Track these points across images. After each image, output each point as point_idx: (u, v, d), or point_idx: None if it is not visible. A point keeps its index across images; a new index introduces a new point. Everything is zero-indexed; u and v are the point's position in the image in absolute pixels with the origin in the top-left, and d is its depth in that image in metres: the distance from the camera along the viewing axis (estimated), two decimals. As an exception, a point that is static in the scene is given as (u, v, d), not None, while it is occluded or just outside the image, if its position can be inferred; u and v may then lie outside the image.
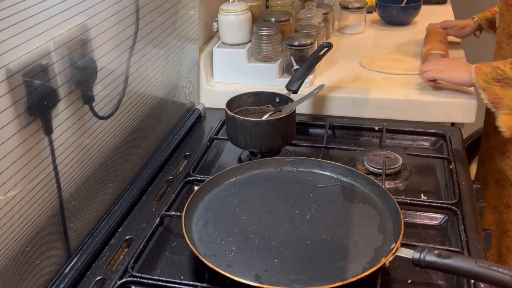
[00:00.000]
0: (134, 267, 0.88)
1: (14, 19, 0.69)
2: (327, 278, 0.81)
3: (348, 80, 1.44)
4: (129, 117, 1.06)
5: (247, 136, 1.14)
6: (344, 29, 1.80)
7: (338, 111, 1.38)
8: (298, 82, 1.27)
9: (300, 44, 1.39)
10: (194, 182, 1.11)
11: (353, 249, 0.88)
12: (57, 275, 0.86)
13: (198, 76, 1.42)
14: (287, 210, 0.97)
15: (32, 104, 0.75)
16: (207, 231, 0.92)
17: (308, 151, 1.24)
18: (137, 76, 1.07)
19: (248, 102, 1.25)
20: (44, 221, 0.81)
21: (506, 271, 0.74)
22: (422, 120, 1.32)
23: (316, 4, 1.66)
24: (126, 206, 1.03)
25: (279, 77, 1.43)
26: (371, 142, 1.29)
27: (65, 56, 0.82)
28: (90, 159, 0.93)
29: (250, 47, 1.45)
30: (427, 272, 0.87)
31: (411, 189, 1.09)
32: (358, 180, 1.03)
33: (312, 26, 1.51)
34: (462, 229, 0.94)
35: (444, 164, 1.16)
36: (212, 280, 0.84)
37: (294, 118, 1.19)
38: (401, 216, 0.89)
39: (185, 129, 1.31)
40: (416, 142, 1.27)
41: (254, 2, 1.54)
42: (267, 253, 0.87)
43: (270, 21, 1.46)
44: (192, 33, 1.33)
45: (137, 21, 1.03)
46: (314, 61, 1.33)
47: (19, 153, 0.74)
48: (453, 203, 1.00)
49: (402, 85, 1.37)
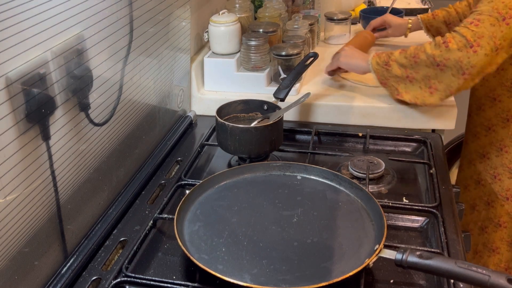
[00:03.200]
0: (128, 267, 0.88)
1: (13, 30, 0.70)
2: (313, 278, 0.82)
3: (333, 88, 1.45)
4: (123, 124, 1.06)
5: (236, 142, 1.15)
6: (329, 40, 1.82)
7: (324, 118, 1.39)
8: (285, 91, 1.28)
9: (287, 54, 1.39)
10: (185, 186, 1.11)
11: (338, 250, 0.88)
12: (54, 275, 0.86)
13: (189, 85, 1.42)
14: (275, 213, 0.98)
15: (31, 111, 0.75)
16: (198, 233, 0.92)
17: (295, 156, 1.24)
18: (131, 84, 1.07)
19: (237, 110, 1.26)
20: (42, 224, 0.82)
21: (484, 271, 0.75)
22: (404, 127, 1.34)
23: (303, 16, 1.67)
24: (120, 209, 1.03)
25: (267, 85, 1.44)
26: (355, 147, 1.30)
27: (62, 66, 0.82)
28: (86, 164, 0.93)
29: (239, 56, 1.45)
30: (409, 272, 0.88)
31: (393, 193, 1.10)
32: (342, 184, 1.04)
33: (298, 36, 1.52)
34: (442, 231, 0.95)
35: (425, 169, 1.17)
36: (203, 280, 0.85)
37: (282, 125, 1.20)
38: (384, 218, 0.90)
39: (177, 135, 1.31)
40: (398, 148, 1.29)
41: (243, 13, 1.55)
42: (256, 254, 0.87)
43: (258, 32, 1.47)
44: (183, 44, 1.34)
45: (131, 32, 1.03)
46: (301, 70, 1.34)
47: (18, 158, 0.74)
48: (433, 206, 1.01)
49: (385, 93, 1.38)
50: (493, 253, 1.47)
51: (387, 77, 1.29)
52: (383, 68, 1.29)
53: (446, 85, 1.20)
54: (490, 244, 1.47)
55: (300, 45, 1.45)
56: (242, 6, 1.57)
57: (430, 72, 1.21)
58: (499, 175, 1.40)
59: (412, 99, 1.27)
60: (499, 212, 1.42)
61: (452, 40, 1.16)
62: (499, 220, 1.43)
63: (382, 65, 1.29)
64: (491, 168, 1.42)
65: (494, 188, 1.42)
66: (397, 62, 1.26)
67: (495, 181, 1.41)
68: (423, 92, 1.24)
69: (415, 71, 1.23)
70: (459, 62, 1.15)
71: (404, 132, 1.32)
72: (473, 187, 1.49)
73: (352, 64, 1.38)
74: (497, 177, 1.41)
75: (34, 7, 0.74)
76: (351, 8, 2.05)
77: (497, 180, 1.41)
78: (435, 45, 1.19)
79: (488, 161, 1.42)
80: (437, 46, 1.18)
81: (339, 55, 1.42)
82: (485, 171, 1.44)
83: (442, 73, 1.19)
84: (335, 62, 1.43)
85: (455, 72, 1.17)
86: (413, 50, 1.23)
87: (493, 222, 1.45)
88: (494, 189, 1.42)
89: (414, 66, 1.23)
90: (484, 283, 0.74)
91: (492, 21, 1.13)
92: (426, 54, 1.20)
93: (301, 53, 1.43)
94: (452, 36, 1.17)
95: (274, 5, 1.66)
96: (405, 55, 1.24)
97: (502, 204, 1.41)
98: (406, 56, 1.24)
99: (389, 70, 1.27)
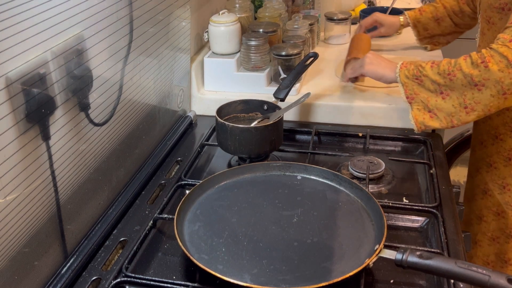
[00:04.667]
0: (128, 267, 0.89)
1: (13, 30, 0.70)
2: (313, 278, 0.82)
3: (333, 88, 1.45)
4: (123, 124, 1.06)
5: (236, 142, 1.15)
6: (329, 40, 1.82)
7: (324, 118, 1.39)
8: (285, 91, 1.28)
9: (287, 54, 1.39)
10: (185, 186, 1.12)
11: (338, 250, 0.88)
12: (54, 275, 0.86)
13: (189, 85, 1.42)
14: (275, 213, 0.98)
15: (31, 111, 0.76)
16: (198, 233, 0.92)
17: (295, 156, 1.24)
18: (131, 84, 1.07)
19: (237, 110, 1.26)
20: (42, 224, 0.82)
21: (484, 271, 0.75)
22: (404, 127, 1.33)
23: (303, 16, 1.67)
24: (120, 209, 1.03)
25: (267, 85, 1.44)
26: (355, 148, 1.30)
27: (62, 66, 0.82)
28: (86, 164, 0.93)
29: (239, 56, 1.45)
30: (409, 272, 0.87)
31: (393, 193, 1.11)
32: (343, 184, 1.04)
33: (298, 36, 1.52)
34: (443, 231, 0.95)
35: (425, 169, 1.18)
36: (203, 280, 0.85)
37: (282, 125, 1.20)
38: (384, 218, 0.90)
39: (177, 135, 1.31)
40: (398, 148, 1.29)
41: (243, 13, 1.55)
42: (256, 254, 0.87)
43: (258, 32, 1.47)
44: (183, 44, 1.34)
45: (131, 32, 1.04)
46: (301, 70, 1.34)
47: (18, 158, 0.75)
48: (433, 206, 1.01)
49: (385, 94, 1.39)
50: (506, 264, 1.43)
51: (416, 92, 1.19)
52: (413, 82, 1.19)
53: (484, 105, 1.12)
54: (503, 255, 1.43)
55: (300, 45, 1.45)
56: (242, 6, 1.58)
57: (466, 91, 1.13)
58: (508, 185, 1.36)
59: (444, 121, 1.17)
60: (510, 223, 1.38)
61: (492, 60, 1.09)
62: (510, 231, 1.39)
63: (412, 79, 1.19)
64: (499, 178, 1.37)
65: (504, 198, 1.37)
66: (429, 77, 1.16)
67: (504, 192, 1.37)
68: (458, 111, 1.16)
69: (450, 88, 1.15)
70: (500, 83, 1.08)
71: (404, 132, 1.32)
72: (480, 197, 1.45)
73: (379, 73, 1.28)
74: (506, 187, 1.36)
75: (34, 7, 0.74)
76: (351, 8, 2.05)
77: (506, 190, 1.36)
78: (471, 64, 1.11)
79: (496, 170, 1.38)
80: (475, 65, 1.11)
81: (362, 62, 1.32)
82: (492, 181, 1.39)
83: (480, 93, 1.12)
84: (359, 70, 1.34)
85: (495, 93, 1.10)
86: (446, 66, 1.15)
87: (505, 233, 1.41)
88: (504, 200, 1.38)
89: (449, 84, 1.14)
90: (484, 283, 0.75)
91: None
92: (462, 73, 1.12)
93: (301, 53, 1.43)
94: (490, 55, 1.10)
95: (274, 5, 1.66)
96: (438, 71, 1.15)
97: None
98: (439, 72, 1.15)
99: (421, 85, 1.18)
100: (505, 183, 1.36)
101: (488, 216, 1.44)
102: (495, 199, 1.40)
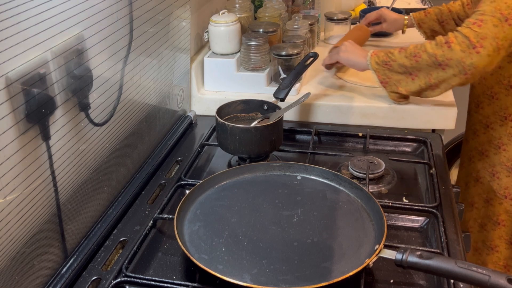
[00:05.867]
0: (128, 267, 0.89)
1: (13, 30, 0.70)
2: (313, 278, 0.82)
3: (333, 88, 1.45)
4: (123, 124, 1.06)
5: (236, 142, 1.15)
6: (329, 40, 1.82)
7: (324, 118, 1.39)
8: (285, 91, 1.28)
9: (287, 54, 1.39)
10: (185, 186, 1.12)
11: (338, 250, 0.88)
12: (54, 275, 0.86)
13: (189, 85, 1.42)
14: (275, 213, 0.98)
15: (31, 111, 0.76)
16: (198, 233, 0.92)
17: (295, 156, 1.25)
18: (131, 84, 1.07)
19: (237, 110, 1.26)
20: (42, 224, 0.82)
21: (484, 271, 0.75)
22: (404, 127, 1.34)
23: (303, 16, 1.67)
24: (120, 209, 1.03)
25: (267, 85, 1.44)
26: (355, 147, 1.30)
27: (62, 66, 0.82)
28: (86, 164, 0.93)
29: (239, 56, 1.45)
30: (409, 272, 0.88)
31: (393, 193, 1.11)
32: (342, 184, 1.04)
33: (298, 36, 1.52)
34: (442, 231, 0.95)
35: (425, 169, 1.18)
36: (203, 280, 0.85)
37: (282, 125, 1.20)
38: (384, 218, 0.90)
39: (177, 135, 1.31)
40: (398, 148, 1.29)
41: (243, 13, 1.55)
42: (256, 254, 0.87)
43: (258, 32, 1.47)
44: (183, 44, 1.34)
45: (131, 31, 1.04)
46: (301, 70, 1.34)
47: (18, 158, 0.75)
48: (433, 206, 1.01)
49: (385, 94, 1.38)
50: (492, 251, 1.47)
51: (389, 76, 1.29)
52: (383, 67, 1.29)
53: (447, 83, 1.22)
54: (489, 242, 1.47)
55: (300, 45, 1.46)
56: (242, 6, 1.58)
57: (432, 71, 1.22)
58: (497, 173, 1.41)
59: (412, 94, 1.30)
60: (497, 210, 1.43)
61: (455, 40, 1.16)
62: (497, 218, 1.43)
63: (382, 64, 1.29)
64: (490, 166, 1.42)
65: (492, 186, 1.43)
66: (397, 61, 1.26)
67: (494, 179, 1.42)
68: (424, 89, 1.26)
69: (417, 69, 1.24)
70: (462, 63, 1.16)
71: (404, 132, 1.32)
72: (472, 185, 1.50)
73: (352, 60, 1.37)
74: (496, 175, 1.41)
75: (34, 7, 0.74)
76: (351, 8, 2.05)
77: (495, 178, 1.41)
78: (436, 45, 1.19)
79: (487, 159, 1.43)
80: (439, 46, 1.19)
81: (338, 49, 1.42)
82: (483, 169, 1.44)
83: (444, 72, 1.20)
84: (334, 56, 1.43)
85: (457, 72, 1.18)
86: (413, 49, 1.24)
87: (492, 220, 1.45)
88: (493, 187, 1.43)
89: (415, 66, 1.23)
90: (484, 283, 0.74)
91: (495, 22, 1.13)
92: (427, 54, 1.20)
93: (301, 53, 1.43)
94: (454, 36, 1.17)
95: (274, 5, 1.66)
96: (405, 54, 1.25)
97: (500, 202, 1.42)
98: (406, 55, 1.24)
99: (391, 69, 1.28)
100: (494, 171, 1.41)
101: (479, 203, 1.48)
102: (485, 186, 1.45)
